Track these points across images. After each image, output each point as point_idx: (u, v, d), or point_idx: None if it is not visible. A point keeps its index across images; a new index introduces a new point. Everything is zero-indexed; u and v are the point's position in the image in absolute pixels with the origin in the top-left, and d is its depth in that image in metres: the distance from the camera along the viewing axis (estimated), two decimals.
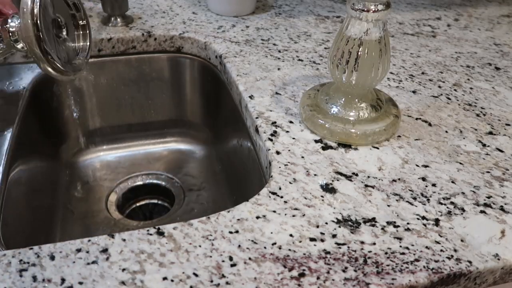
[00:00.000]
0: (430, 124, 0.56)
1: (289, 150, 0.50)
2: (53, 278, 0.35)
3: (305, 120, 0.54)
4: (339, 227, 0.41)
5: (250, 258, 0.38)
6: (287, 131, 0.53)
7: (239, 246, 0.39)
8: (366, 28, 0.47)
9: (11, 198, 0.63)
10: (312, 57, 0.69)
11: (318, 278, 0.37)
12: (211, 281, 0.36)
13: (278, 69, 0.66)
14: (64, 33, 0.52)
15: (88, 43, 0.55)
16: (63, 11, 0.53)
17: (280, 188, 0.45)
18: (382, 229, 0.42)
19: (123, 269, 0.36)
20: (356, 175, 0.47)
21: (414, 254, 0.39)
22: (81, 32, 0.55)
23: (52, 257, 0.37)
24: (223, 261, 0.38)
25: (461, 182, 0.47)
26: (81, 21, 0.55)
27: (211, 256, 0.38)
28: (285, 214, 0.42)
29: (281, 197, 0.44)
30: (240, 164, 0.67)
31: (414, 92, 0.62)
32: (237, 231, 0.40)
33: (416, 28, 0.82)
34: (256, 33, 0.76)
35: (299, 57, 0.69)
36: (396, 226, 0.42)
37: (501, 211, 0.44)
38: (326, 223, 0.42)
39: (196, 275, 0.36)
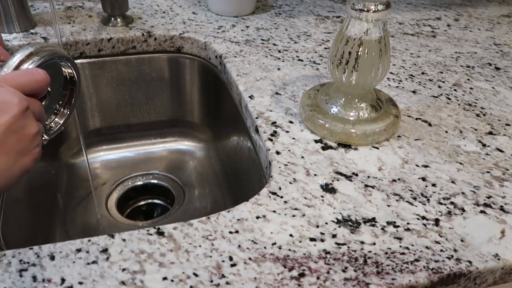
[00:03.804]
0: (430, 124, 0.56)
1: (289, 150, 0.50)
2: (53, 278, 0.35)
3: (305, 120, 0.54)
4: (339, 227, 0.41)
5: (250, 258, 0.38)
6: (287, 131, 0.53)
7: (239, 246, 0.39)
8: (366, 28, 0.47)
9: (11, 198, 0.63)
10: (312, 57, 0.69)
11: (318, 278, 0.37)
12: (211, 281, 0.36)
13: (278, 69, 0.66)
14: (44, 102, 0.47)
15: (61, 123, 0.50)
16: (57, 81, 0.49)
17: (280, 188, 0.45)
18: (382, 229, 0.42)
19: (123, 269, 0.36)
20: (356, 175, 0.47)
21: (414, 254, 0.39)
22: (63, 110, 0.50)
23: (52, 257, 0.37)
24: (223, 261, 0.38)
25: (461, 182, 0.47)
26: (69, 100, 0.49)
27: (211, 256, 0.38)
28: (285, 214, 0.42)
29: (281, 197, 0.44)
30: (240, 164, 0.67)
31: (414, 92, 0.62)
32: (237, 231, 0.40)
33: (416, 28, 0.82)
34: (256, 33, 0.76)
35: (299, 57, 0.69)
36: (396, 226, 0.42)
37: (501, 211, 0.44)
38: (326, 223, 0.42)
39: (196, 275, 0.36)
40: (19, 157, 0.38)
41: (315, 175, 0.47)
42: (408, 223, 0.42)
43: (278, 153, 0.50)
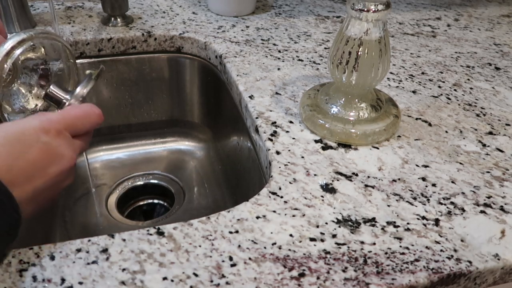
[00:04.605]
0: (430, 124, 0.56)
1: (289, 150, 0.50)
2: (53, 278, 0.35)
3: (305, 120, 0.54)
4: (339, 227, 0.41)
5: (250, 258, 0.38)
6: (287, 131, 0.53)
7: (239, 246, 0.39)
8: (366, 28, 0.47)
9: None
10: (312, 57, 0.69)
11: (318, 278, 0.37)
12: (211, 281, 0.36)
13: (278, 69, 0.66)
14: (44, 83, 0.47)
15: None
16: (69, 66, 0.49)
17: (280, 188, 0.45)
18: (382, 229, 0.42)
19: (123, 269, 0.36)
20: (356, 175, 0.47)
21: (414, 254, 0.39)
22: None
23: (52, 257, 0.37)
24: (223, 261, 0.38)
25: (461, 182, 0.47)
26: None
27: (211, 256, 0.38)
28: (285, 214, 0.42)
29: (281, 197, 0.44)
30: (240, 164, 0.67)
31: (414, 92, 0.62)
32: (237, 231, 0.40)
33: (416, 28, 0.82)
34: (256, 33, 0.76)
35: (299, 57, 0.69)
36: (396, 226, 0.42)
37: (501, 211, 0.44)
38: (326, 223, 0.42)
39: (196, 275, 0.36)
40: (45, 203, 0.40)
41: (315, 175, 0.47)
42: (408, 223, 0.42)
43: (278, 153, 0.50)
